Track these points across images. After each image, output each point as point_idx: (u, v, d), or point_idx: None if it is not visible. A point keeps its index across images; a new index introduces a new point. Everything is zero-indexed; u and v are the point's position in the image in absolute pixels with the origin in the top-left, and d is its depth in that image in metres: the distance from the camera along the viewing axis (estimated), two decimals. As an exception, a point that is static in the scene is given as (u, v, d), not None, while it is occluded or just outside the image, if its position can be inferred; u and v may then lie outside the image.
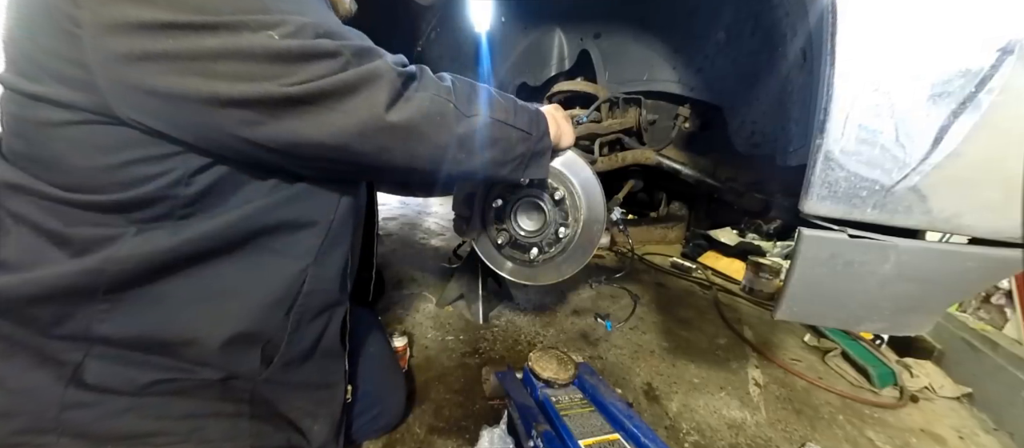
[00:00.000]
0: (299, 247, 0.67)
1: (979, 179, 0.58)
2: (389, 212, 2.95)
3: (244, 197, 0.61)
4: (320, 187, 0.67)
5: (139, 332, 0.60)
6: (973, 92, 0.54)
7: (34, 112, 0.52)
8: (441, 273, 1.97)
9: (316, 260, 0.69)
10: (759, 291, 2.10)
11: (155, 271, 0.58)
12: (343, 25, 0.59)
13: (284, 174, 0.63)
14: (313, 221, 0.68)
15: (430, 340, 1.42)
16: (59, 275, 0.55)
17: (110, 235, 0.56)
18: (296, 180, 0.64)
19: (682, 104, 1.13)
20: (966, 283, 0.70)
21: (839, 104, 0.57)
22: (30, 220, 0.55)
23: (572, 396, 1.04)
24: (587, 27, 1.22)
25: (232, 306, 0.64)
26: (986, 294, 1.67)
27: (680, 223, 1.37)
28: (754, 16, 0.90)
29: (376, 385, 0.95)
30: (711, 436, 1.13)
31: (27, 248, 0.56)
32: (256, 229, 0.63)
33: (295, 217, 0.66)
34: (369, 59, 0.57)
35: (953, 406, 1.42)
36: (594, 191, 0.95)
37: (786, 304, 0.70)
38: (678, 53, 1.10)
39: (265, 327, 0.67)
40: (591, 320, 1.66)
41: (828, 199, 0.60)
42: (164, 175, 0.55)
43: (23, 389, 0.56)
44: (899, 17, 0.55)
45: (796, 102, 0.77)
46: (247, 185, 0.61)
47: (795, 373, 1.46)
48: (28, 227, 0.56)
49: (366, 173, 0.75)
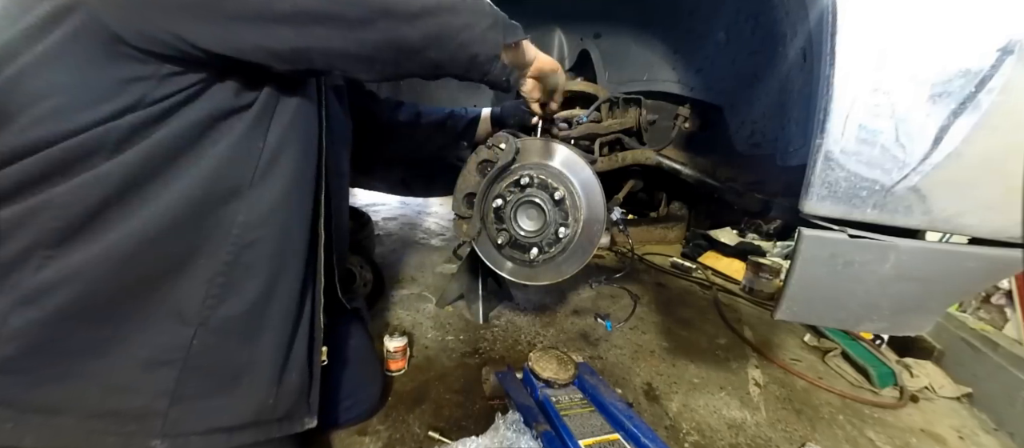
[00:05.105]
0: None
1: (979, 179, 0.58)
2: (389, 212, 2.95)
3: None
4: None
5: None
6: (973, 92, 0.54)
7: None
8: (441, 273, 1.97)
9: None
10: (759, 291, 2.10)
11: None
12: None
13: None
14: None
15: (430, 340, 1.42)
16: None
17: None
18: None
19: (682, 104, 1.13)
20: (966, 283, 0.70)
21: (839, 104, 0.57)
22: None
23: (572, 396, 1.04)
24: (587, 27, 1.22)
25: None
26: (986, 294, 1.67)
27: (680, 223, 1.37)
28: (754, 16, 0.90)
29: (353, 377, 0.99)
30: (711, 436, 1.13)
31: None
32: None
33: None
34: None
35: (953, 406, 1.42)
36: (594, 191, 0.95)
37: (786, 304, 0.71)
38: (678, 53, 1.10)
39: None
40: (591, 320, 1.66)
41: (828, 199, 0.60)
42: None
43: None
44: (899, 17, 0.55)
45: (796, 102, 0.77)
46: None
47: (795, 373, 1.46)
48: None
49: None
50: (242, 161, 0.66)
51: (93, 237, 0.59)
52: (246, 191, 0.67)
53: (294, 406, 0.78)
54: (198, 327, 0.66)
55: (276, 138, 0.69)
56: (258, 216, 0.68)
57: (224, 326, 0.68)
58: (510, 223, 0.96)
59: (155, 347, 0.65)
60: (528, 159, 0.97)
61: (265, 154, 0.68)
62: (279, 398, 0.74)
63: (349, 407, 0.99)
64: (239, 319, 0.69)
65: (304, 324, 0.79)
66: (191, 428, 0.67)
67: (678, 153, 1.19)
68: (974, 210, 0.59)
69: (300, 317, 0.79)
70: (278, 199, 0.71)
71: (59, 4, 0.54)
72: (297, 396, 0.78)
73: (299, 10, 0.58)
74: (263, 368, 0.73)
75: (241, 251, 0.68)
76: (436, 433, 1.01)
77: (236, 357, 0.71)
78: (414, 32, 0.64)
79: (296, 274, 0.77)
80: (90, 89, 0.56)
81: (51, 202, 0.57)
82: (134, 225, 0.61)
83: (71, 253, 0.59)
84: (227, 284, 0.68)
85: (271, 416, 0.74)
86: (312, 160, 0.77)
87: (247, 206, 0.67)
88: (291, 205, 0.74)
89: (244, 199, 0.67)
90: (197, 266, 0.66)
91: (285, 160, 0.70)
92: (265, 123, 0.68)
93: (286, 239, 0.74)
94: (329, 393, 0.92)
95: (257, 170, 0.67)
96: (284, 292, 0.75)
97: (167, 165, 0.62)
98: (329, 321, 0.86)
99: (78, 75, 0.56)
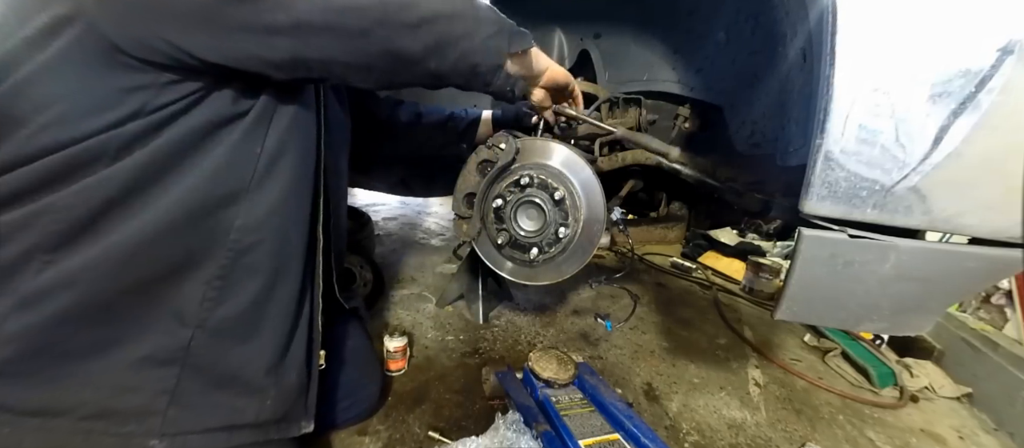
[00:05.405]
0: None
1: (979, 179, 0.58)
2: (389, 212, 2.95)
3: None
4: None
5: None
6: (973, 92, 0.54)
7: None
8: (441, 273, 1.97)
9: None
10: (759, 291, 2.10)
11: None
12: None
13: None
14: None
15: (430, 340, 1.42)
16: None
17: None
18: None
19: (682, 104, 1.13)
20: (966, 283, 0.70)
21: (839, 104, 0.57)
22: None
23: (572, 396, 1.04)
24: (587, 27, 1.22)
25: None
26: (986, 294, 1.67)
27: (680, 223, 1.37)
28: (754, 16, 0.90)
29: (351, 377, 0.99)
30: (711, 436, 1.13)
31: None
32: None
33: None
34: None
35: (953, 406, 1.43)
36: (594, 191, 0.95)
37: (786, 304, 0.70)
38: (678, 53, 1.10)
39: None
40: (591, 320, 1.66)
41: (828, 199, 0.60)
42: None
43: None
44: (899, 17, 0.55)
45: (796, 102, 0.77)
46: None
47: (795, 373, 1.46)
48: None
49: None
50: (240, 166, 0.67)
51: (93, 241, 0.59)
52: (244, 195, 0.67)
53: (292, 408, 0.78)
54: (196, 328, 0.67)
55: (274, 143, 0.69)
56: (256, 220, 0.69)
57: (222, 327, 0.68)
58: (510, 223, 0.96)
59: (154, 347, 0.65)
60: (528, 159, 0.97)
61: (263, 159, 0.68)
62: (277, 399, 0.74)
63: (348, 407, 0.99)
64: (237, 320, 0.70)
65: (302, 326, 0.79)
66: (189, 428, 0.67)
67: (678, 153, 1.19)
68: (974, 210, 0.59)
69: (298, 319, 0.79)
70: (276, 203, 0.71)
71: (58, 15, 0.54)
72: (295, 397, 0.78)
73: (296, 20, 0.58)
74: (261, 369, 0.73)
75: (239, 254, 0.68)
76: (436, 433, 1.01)
77: (234, 358, 0.71)
78: (413, 42, 0.64)
79: (295, 276, 0.77)
80: (91, 98, 0.56)
81: (52, 207, 0.57)
82: (133, 229, 0.61)
83: (71, 257, 0.59)
84: (225, 286, 0.68)
85: (269, 417, 0.74)
86: (311, 163, 0.77)
87: (245, 210, 0.67)
88: (289, 208, 0.74)
89: (242, 203, 0.67)
90: (195, 268, 0.66)
91: (283, 164, 0.71)
92: (263, 128, 0.68)
93: (284, 242, 0.74)
94: (328, 393, 0.92)
95: (255, 175, 0.68)
96: (282, 294, 0.75)
97: (166, 171, 0.62)
98: (327, 321, 0.86)
99: (79, 84, 0.56)
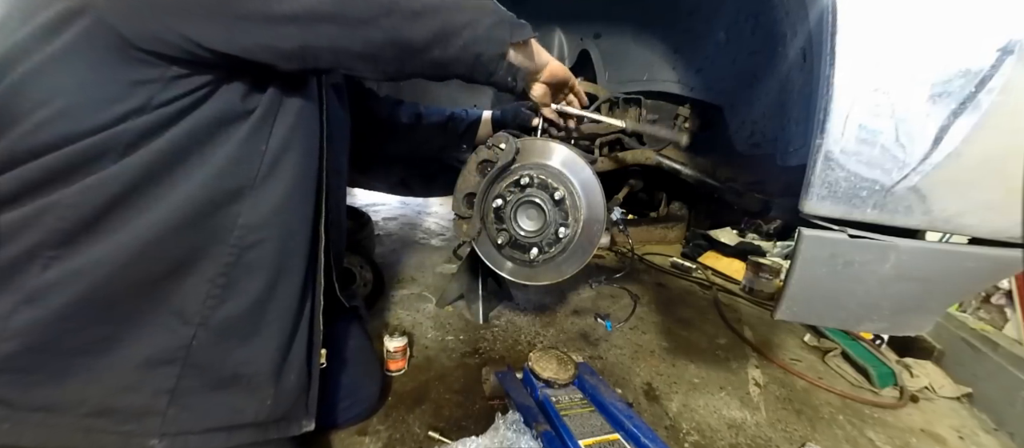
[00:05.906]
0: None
1: (979, 179, 0.58)
2: (389, 212, 2.95)
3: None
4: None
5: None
6: (973, 92, 0.54)
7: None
8: (441, 273, 1.97)
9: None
10: (759, 291, 2.10)
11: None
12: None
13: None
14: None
15: (430, 340, 1.42)
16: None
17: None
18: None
19: (682, 104, 1.13)
20: (966, 283, 0.70)
21: (839, 104, 0.57)
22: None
23: (572, 396, 1.04)
24: (587, 27, 1.22)
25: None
26: (986, 294, 1.67)
27: (680, 223, 1.37)
28: (754, 16, 0.90)
29: (352, 377, 0.99)
30: (711, 436, 1.13)
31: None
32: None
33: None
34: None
35: (953, 406, 1.43)
36: (594, 191, 0.95)
37: (786, 304, 0.71)
38: (678, 53, 1.10)
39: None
40: (591, 320, 1.66)
41: (828, 199, 0.60)
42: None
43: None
44: (899, 17, 0.55)
45: (796, 102, 0.77)
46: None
47: (795, 373, 1.46)
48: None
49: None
50: (245, 163, 0.67)
51: (98, 238, 0.59)
52: (248, 193, 0.67)
53: (293, 407, 0.78)
54: (198, 327, 0.67)
55: (278, 141, 0.69)
56: (259, 218, 0.69)
57: (224, 326, 0.68)
58: (510, 223, 0.96)
59: (155, 346, 0.65)
60: (528, 159, 0.97)
61: (267, 157, 0.68)
62: (277, 399, 0.75)
63: (348, 407, 0.99)
64: (239, 319, 0.70)
65: (303, 325, 0.79)
66: (189, 427, 0.67)
67: (678, 153, 1.19)
68: (974, 210, 0.59)
69: (300, 318, 0.79)
70: (280, 201, 0.71)
71: (67, 7, 0.54)
72: (296, 397, 0.78)
73: (304, 8, 0.58)
74: (262, 368, 0.73)
75: (242, 252, 0.68)
76: (436, 433, 1.01)
77: (235, 357, 0.71)
78: (417, 30, 0.65)
79: (297, 275, 0.77)
80: (99, 91, 0.56)
81: (58, 204, 0.57)
82: (138, 226, 0.61)
83: (76, 254, 0.59)
84: (228, 284, 0.68)
85: (269, 417, 0.74)
86: (314, 161, 0.78)
87: (248, 208, 0.68)
88: (293, 207, 0.74)
89: (246, 201, 0.67)
90: (199, 266, 0.66)
91: (287, 163, 0.71)
92: (268, 126, 0.68)
93: (287, 240, 0.74)
94: (328, 393, 0.92)
95: (259, 173, 0.68)
96: (284, 293, 0.75)
97: (172, 168, 0.62)
98: (327, 321, 0.86)
99: (87, 77, 0.56)
